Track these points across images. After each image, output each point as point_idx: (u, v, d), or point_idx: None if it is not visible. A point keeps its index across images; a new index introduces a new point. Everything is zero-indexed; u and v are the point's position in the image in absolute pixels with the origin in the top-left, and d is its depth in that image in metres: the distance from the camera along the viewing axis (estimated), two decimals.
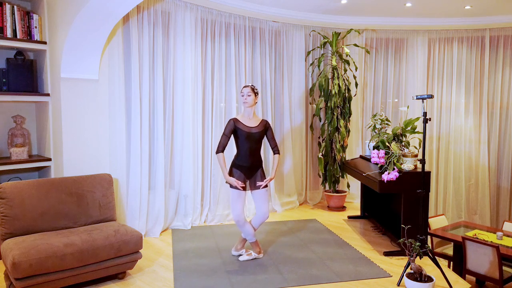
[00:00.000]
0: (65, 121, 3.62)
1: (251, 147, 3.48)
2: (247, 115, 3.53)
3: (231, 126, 3.49)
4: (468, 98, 6.04)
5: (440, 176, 6.10)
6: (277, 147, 3.64)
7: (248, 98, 3.47)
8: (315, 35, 5.74)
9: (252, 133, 3.48)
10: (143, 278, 3.21)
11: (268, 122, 3.62)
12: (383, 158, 3.83)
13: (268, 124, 3.61)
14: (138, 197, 4.11)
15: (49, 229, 3.12)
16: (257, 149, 3.53)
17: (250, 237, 3.56)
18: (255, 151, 3.52)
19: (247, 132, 3.47)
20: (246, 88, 3.49)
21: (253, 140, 3.48)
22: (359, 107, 5.99)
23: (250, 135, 3.47)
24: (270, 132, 3.62)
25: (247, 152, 3.50)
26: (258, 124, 3.54)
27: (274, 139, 3.64)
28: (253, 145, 3.49)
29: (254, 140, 3.49)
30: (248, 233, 3.53)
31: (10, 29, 3.52)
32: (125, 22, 4.04)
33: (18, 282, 2.62)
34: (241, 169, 3.51)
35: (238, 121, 3.51)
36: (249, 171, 3.52)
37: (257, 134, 3.49)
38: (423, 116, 3.30)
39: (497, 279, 3.48)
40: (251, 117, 3.54)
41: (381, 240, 4.22)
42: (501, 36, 5.88)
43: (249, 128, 3.49)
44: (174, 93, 4.47)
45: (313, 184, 5.95)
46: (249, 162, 3.50)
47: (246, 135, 3.47)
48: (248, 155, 3.50)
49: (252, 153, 3.50)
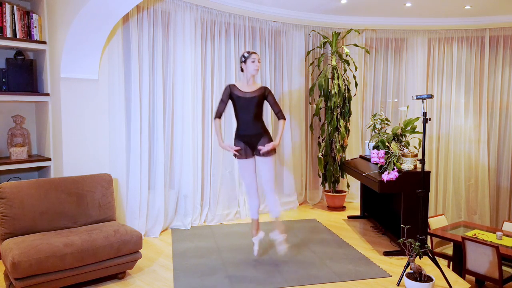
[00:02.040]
0: (65, 121, 3.62)
1: (248, 113, 3.39)
2: (246, 81, 3.45)
3: (227, 91, 3.45)
4: (468, 98, 6.04)
5: (440, 176, 6.10)
6: (282, 112, 3.47)
7: (259, 65, 3.43)
8: (315, 35, 5.74)
9: (247, 97, 3.38)
10: (143, 278, 3.21)
11: (268, 88, 3.49)
12: (382, 158, 3.83)
13: (268, 90, 3.49)
14: (138, 197, 4.11)
15: (49, 229, 3.12)
16: (256, 115, 3.40)
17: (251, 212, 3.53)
18: (254, 118, 3.40)
19: (242, 97, 3.38)
20: (256, 55, 3.42)
21: (250, 106, 3.38)
22: (359, 107, 5.99)
23: (246, 100, 3.38)
24: (271, 97, 3.47)
25: (244, 119, 3.41)
26: (256, 89, 3.43)
27: (277, 104, 3.48)
28: (250, 110, 3.38)
29: (251, 105, 3.38)
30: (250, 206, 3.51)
31: (9, 29, 3.52)
32: (125, 22, 4.04)
33: (17, 282, 2.62)
34: (243, 140, 3.44)
35: (235, 86, 3.44)
36: (252, 140, 3.42)
37: (254, 99, 3.37)
38: (422, 116, 3.30)
39: (497, 279, 3.48)
40: (250, 83, 3.45)
41: (381, 240, 4.22)
42: (500, 36, 5.88)
43: (244, 93, 3.41)
44: (174, 93, 4.47)
45: (312, 184, 5.96)
46: (249, 130, 3.41)
47: (241, 100, 3.39)
48: (246, 123, 3.41)
49: (251, 120, 3.39)
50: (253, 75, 3.45)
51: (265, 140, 3.42)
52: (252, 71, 3.42)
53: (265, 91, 3.46)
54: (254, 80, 3.51)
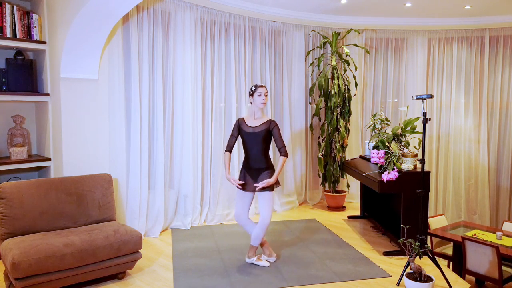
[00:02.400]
0: (64, 121, 3.62)
1: (251, 147, 3.39)
2: (253, 114, 3.44)
3: (236, 125, 3.49)
4: (467, 98, 6.04)
5: (440, 176, 6.10)
6: (285, 148, 3.36)
7: (265, 99, 3.38)
8: (315, 35, 5.74)
9: (251, 133, 3.38)
10: (142, 278, 3.21)
11: (274, 122, 3.40)
12: (382, 158, 3.83)
13: (274, 124, 3.39)
14: (137, 197, 4.11)
15: (49, 229, 3.12)
16: (259, 150, 3.38)
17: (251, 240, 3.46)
18: (258, 152, 3.38)
19: (246, 132, 3.40)
20: (263, 88, 3.38)
21: (253, 140, 3.37)
22: (358, 107, 5.99)
23: (250, 135, 3.38)
24: (275, 132, 3.38)
25: (249, 152, 3.43)
26: (261, 124, 3.39)
27: (281, 140, 3.38)
28: (253, 145, 3.38)
29: (254, 140, 3.37)
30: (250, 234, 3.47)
31: (9, 29, 3.52)
32: (125, 22, 4.04)
33: (17, 282, 2.62)
34: (246, 171, 3.47)
35: (243, 121, 3.47)
36: (253, 173, 3.43)
37: (257, 134, 3.36)
38: (422, 116, 3.30)
39: (497, 279, 3.48)
40: (257, 116, 3.43)
41: (380, 240, 4.22)
42: (500, 36, 5.88)
43: (249, 127, 3.41)
44: (174, 93, 4.47)
45: (312, 184, 5.96)
46: (251, 163, 3.42)
47: (246, 135, 3.40)
48: (250, 156, 3.42)
49: (253, 154, 3.39)
50: (260, 108, 3.42)
51: (265, 175, 3.38)
52: (258, 105, 3.40)
53: (270, 125, 3.39)
54: (263, 113, 3.47)
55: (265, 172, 3.40)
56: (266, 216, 3.33)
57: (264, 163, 3.41)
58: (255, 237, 3.40)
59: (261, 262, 3.46)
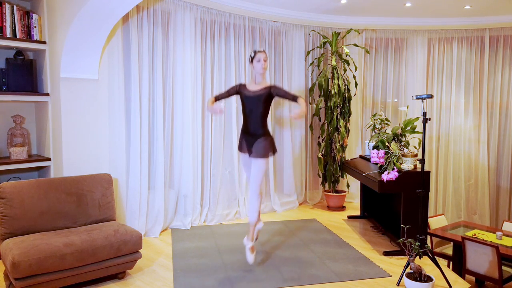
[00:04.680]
0: (64, 120, 3.62)
1: (251, 111, 3.37)
2: (256, 80, 3.42)
3: (235, 87, 3.47)
4: (467, 98, 6.04)
5: (440, 176, 6.10)
6: (297, 96, 3.29)
7: (265, 64, 3.36)
8: (315, 35, 5.74)
9: (250, 96, 3.36)
10: (142, 278, 3.21)
11: (274, 85, 3.38)
12: (382, 158, 3.83)
13: (275, 86, 3.37)
14: (137, 197, 4.11)
15: (49, 229, 3.12)
16: (258, 114, 3.35)
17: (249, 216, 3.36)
18: (256, 117, 3.35)
19: (246, 96, 3.37)
20: (262, 54, 3.35)
21: (253, 104, 3.35)
22: (358, 107, 5.99)
23: (250, 98, 3.36)
24: (279, 91, 3.35)
25: (248, 117, 3.41)
26: (262, 88, 3.38)
27: (289, 93, 3.34)
28: (253, 109, 3.35)
29: (254, 103, 3.34)
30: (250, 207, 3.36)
31: (9, 28, 3.52)
32: (125, 22, 4.04)
33: (17, 282, 2.62)
34: (243, 135, 3.45)
35: (244, 86, 3.45)
36: (250, 138, 3.40)
37: (257, 97, 3.33)
38: (422, 116, 3.30)
39: (497, 279, 3.48)
40: (258, 81, 3.41)
41: (380, 240, 4.22)
42: (500, 36, 5.88)
43: (250, 91, 3.39)
44: (173, 93, 4.47)
45: (312, 184, 5.96)
46: (249, 127, 3.39)
47: (246, 98, 3.38)
48: (248, 120, 3.40)
49: (253, 119, 3.36)
50: (261, 74, 3.40)
51: (260, 142, 3.34)
52: (258, 70, 3.39)
53: (271, 89, 3.37)
54: (264, 79, 3.45)
55: (260, 139, 3.35)
56: (253, 185, 3.27)
57: (261, 128, 3.38)
58: (249, 212, 3.36)
59: (249, 255, 3.32)
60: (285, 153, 5.58)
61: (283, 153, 5.58)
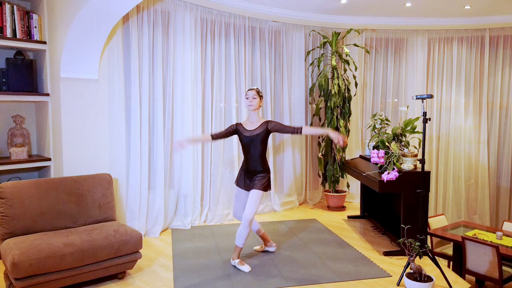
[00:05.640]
0: (64, 121, 3.62)
1: (249, 150, 3.43)
2: (250, 118, 3.48)
3: (232, 128, 3.51)
4: (467, 98, 6.04)
5: (440, 176, 6.10)
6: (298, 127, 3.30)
7: (253, 101, 3.40)
8: (315, 35, 5.74)
9: (247, 136, 3.42)
10: (143, 278, 3.21)
11: (269, 121, 3.43)
12: (383, 158, 3.83)
13: (270, 122, 3.41)
14: (137, 197, 4.11)
15: (49, 229, 3.12)
16: (257, 152, 3.41)
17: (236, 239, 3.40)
18: (255, 155, 3.42)
19: (244, 136, 3.43)
20: (251, 91, 3.42)
21: (251, 144, 3.41)
22: (359, 107, 5.99)
23: (248, 138, 3.42)
24: (276, 126, 3.37)
25: (245, 155, 3.49)
26: (258, 126, 3.42)
27: (288, 126, 3.36)
28: (251, 148, 3.42)
29: (252, 143, 3.40)
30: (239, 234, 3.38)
31: (9, 29, 3.52)
32: (125, 22, 4.04)
33: (17, 282, 2.62)
34: (243, 172, 3.52)
35: (241, 125, 3.50)
36: (249, 175, 3.48)
37: (255, 137, 3.39)
38: (422, 116, 3.30)
39: (497, 279, 3.48)
40: (253, 120, 3.46)
41: (381, 240, 4.22)
42: (500, 36, 5.88)
43: (247, 131, 3.44)
44: (173, 93, 4.47)
45: (313, 184, 5.96)
46: (248, 166, 3.47)
47: (244, 139, 3.44)
48: (245, 159, 3.49)
49: (251, 157, 3.43)
50: (253, 111, 3.43)
51: (258, 179, 3.40)
52: (247, 107, 3.46)
53: (267, 126, 3.40)
54: (259, 115, 3.48)
55: (259, 175, 3.42)
56: (248, 212, 3.29)
57: (261, 166, 3.45)
58: (238, 236, 3.37)
59: (243, 267, 3.37)
60: (285, 153, 5.57)
61: (283, 153, 5.58)
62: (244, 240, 3.38)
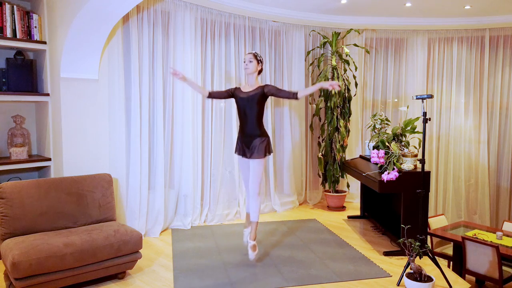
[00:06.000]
0: (64, 121, 3.62)
1: (245, 113, 3.41)
2: (248, 82, 3.46)
3: (230, 90, 3.54)
4: (468, 98, 6.04)
5: (440, 176, 6.10)
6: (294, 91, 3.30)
7: (249, 65, 3.39)
8: (315, 35, 5.74)
9: (244, 97, 3.39)
10: (143, 278, 3.21)
11: (266, 85, 3.39)
12: (383, 158, 3.83)
13: (268, 86, 3.39)
14: (137, 197, 4.11)
15: (49, 229, 3.12)
16: (253, 115, 3.38)
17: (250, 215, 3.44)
18: (251, 118, 3.39)
19: (240, 97, 3.40)
20: (248, 55, 3.43)
21: (246, 105, 3.38)
22: (359, 107, 5.99)
23: (244, 100, 3.39)
24: (272, 89, 3.36)
25: (242, 119, 3.46)
26: (254, 89, 3.40)
27: (283, 90, 3.36)
28: (246, 110, 3.39)
29: (248, 104, 3.37)
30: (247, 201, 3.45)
31: (9, 29, 3.52)
32: (125, 22, 4.04)
33: (17, 282, 2.62)
34: (240, 138, 3.49)
35: (239, 88, 3.49)
36: (246, 140, 3.44)
37: (250, 98, 3.36)
38: (422, 116, 3.30)
39: (497, 279, 3.48)
40: (251, 83, 3.45)
41: (381, 240, 4.22)
42: (500, 36, 5.88)
43: (243, 93, 3.42)
44: (174, 93, 4.47)
45: (313, 184, 5.95)
46: (245, 130, 3.43)
47: (240, 100, 3.41)
48: (243, 123, 3.45)
49: (247, 120, 3.40)
50: (248, 74, 3.45)
51: (257, 142, 3.38)
52: (244, 71, 3.48)
53: (263, 88, 3.40)
54: (256, 80, 3.48)
55: (257, 139, 3.40)
56: (253, 186, 3.34)
57: (258, 129, 3.42)
58: (251, 211, 3.42)
59: (251, 253, 3.39)
60: (285, 153, 5.57)
61: (283, 153, 5.58)
62: (258, 212, 3.43)
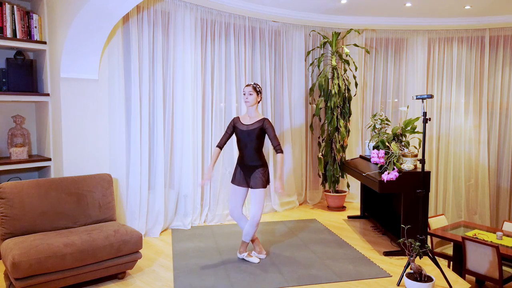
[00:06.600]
0: (65, 121, 3.62)
1: (244, 145, 3.45)
2: (248, 113, 3.51)
3: (231, 124, 3.55)
4: (468, 98, 6.04)
5: (440, 176, 6.10)
6: (280, 146, 3.42)
7: (249, 98, 3.44)
8: (315, 35, 5.74)
9: (244, 130, 3.44)
10: (143, 278, 3.21)
11: (267, 120, 3.45)
12: (383, 158, 3.83)
13: (267, 122, 3.44)
14: (138, 197, 4.11)
15: (49, 229, 3.12)
16: (253, 147, 3.43)
17: (243, 236, 3.54)
18: (251, 150, 3.43)
19: (241, 130, 3.45)
20: (247, 87, 3.45)
21: (246, 138, 3.43)
22: (359, 107, 5.99)
23: (243, 133, 3.44)
24: (269, 131, 3.42)
25: (241, 150, 3.50)
26: (255, 122, 3.45)
27: (275, 138, 3.43)
28: (246, 143, 3.43)
29: (248, 137, 3.42)
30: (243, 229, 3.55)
31: (10, 29, 3.52)
32: (125, 22, 4.04)
33: (18, 282, 2.62)
34: (240, 167, 3.54)
35: (238, 120, 3.53)
36: (247, 170, 3.49)
37: (249, 132, 3.41)
38: (423, 116, 3.30)
39: (497, 279, 3.48)
40: (251, 115, 3.49)
41: (381, 240, 4.22)
42: (500, 36, 5.88)
43: (243, 125, 3.46)
44: (174, 93, 4.47)
45: (313, 184, 5.95)
46: (245, 161, 3.48)
47: (240, 133, 3.45)
48: (242, 154, 3.50)
49: (247, 152, 3.45)
50: (251, 107, 3.47)
51: (258, 173, 3.43)
52: (244, 104, 3.51)
53: (263, 124, 3.43)
54: (257, 111, 3.50)
55: (258, 170, 3.45)
56: (256, 214, 3.41)
57: (258, 160, 3.47)
58: (245, 233, 3.51)
59: (251, 259, 3.54)
60: (285, 153, 5.57)
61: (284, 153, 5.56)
62: (251, 238, 3.52)
